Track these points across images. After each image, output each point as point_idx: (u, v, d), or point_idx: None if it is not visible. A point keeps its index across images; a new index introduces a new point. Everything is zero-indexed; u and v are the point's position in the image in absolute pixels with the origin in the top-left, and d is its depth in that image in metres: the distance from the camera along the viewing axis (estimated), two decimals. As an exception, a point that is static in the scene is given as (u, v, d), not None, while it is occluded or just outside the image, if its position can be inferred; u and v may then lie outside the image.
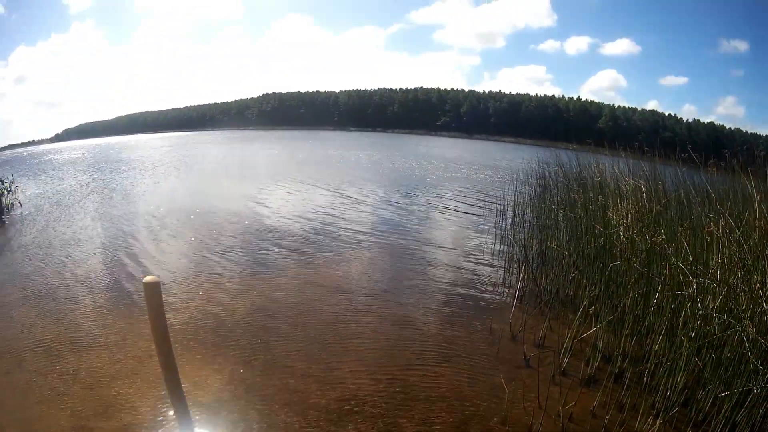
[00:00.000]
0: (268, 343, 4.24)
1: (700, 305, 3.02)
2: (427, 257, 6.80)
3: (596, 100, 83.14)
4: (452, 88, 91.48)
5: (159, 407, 3.34)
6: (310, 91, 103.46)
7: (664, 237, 3.70)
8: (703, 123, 74.61)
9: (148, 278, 2.77)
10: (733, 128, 70.76)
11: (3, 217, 11.63)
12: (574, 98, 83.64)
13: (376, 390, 3.39)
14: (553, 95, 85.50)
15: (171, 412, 3.15)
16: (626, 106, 79.47)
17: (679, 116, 76.69)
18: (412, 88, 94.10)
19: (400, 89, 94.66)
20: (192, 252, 7.21)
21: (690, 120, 75.52)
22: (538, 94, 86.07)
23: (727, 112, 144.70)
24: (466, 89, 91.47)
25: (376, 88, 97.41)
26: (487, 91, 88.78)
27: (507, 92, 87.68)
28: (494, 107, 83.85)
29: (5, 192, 12.95)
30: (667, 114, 76.94)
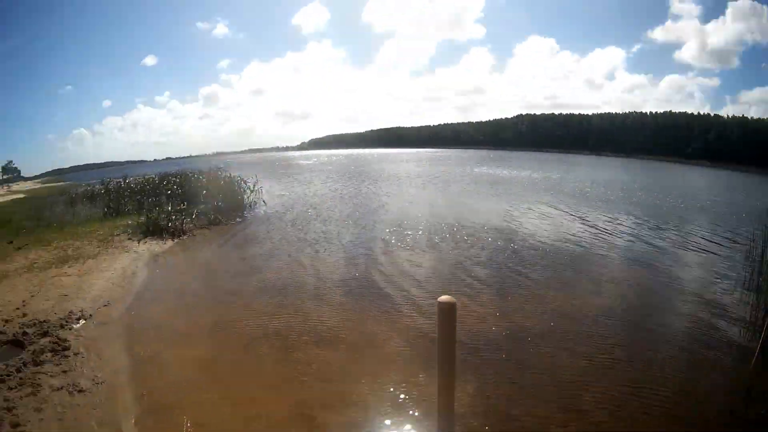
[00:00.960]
0: (516, 365, 4.37)
1: None
2: (678, 298, 6.61)
3: None
4: (699, 113, 79.76)
5: (393, 412, 3.45)
6: (564, 113, 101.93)
7: None
8: None
9: (443, 298, 2.75)
10: None
11: (245, 212, 13.31)
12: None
13: (616, 429, 3.49)
14: (803, 118, 67.06)
15: (409, 424, 3.35)
16: None
17: None
18: (661, 112, 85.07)
19: (651, 113, 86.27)
20: (447, 265, 7.57)
21: None
22: (788, 118, 68.43)
23: None
24: (711, 113, 78.48)
25: (628, 112, 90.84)
26: (730, 116, 74.67)
27: (756, 118, 72.37)
28: (741, 133, 69.50)
29: (248, 191, 14.82)
30: None
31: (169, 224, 10.83)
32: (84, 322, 6.00)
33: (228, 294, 6.35)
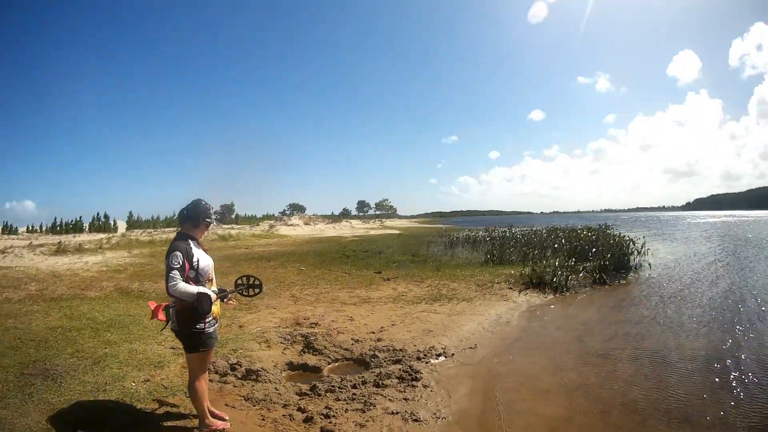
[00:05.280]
0: None
1: None
2: None
3: None
4: None
5: None
6: None
7: None
8: None
9: None
10: None
11: (630, 274, 12.13)
12: None
13: None
14: None
15: None
16: None
17: None
18: None
19: None
20: None
21: None
22: None
23: None
24: None
25: None
26: None
27: None
28: None
29: (636, 252, 13.89)
30: None
31: (554, 279, 10.51)
32: (444, 359, 5.86)
33: (598, 357, 5.98)
